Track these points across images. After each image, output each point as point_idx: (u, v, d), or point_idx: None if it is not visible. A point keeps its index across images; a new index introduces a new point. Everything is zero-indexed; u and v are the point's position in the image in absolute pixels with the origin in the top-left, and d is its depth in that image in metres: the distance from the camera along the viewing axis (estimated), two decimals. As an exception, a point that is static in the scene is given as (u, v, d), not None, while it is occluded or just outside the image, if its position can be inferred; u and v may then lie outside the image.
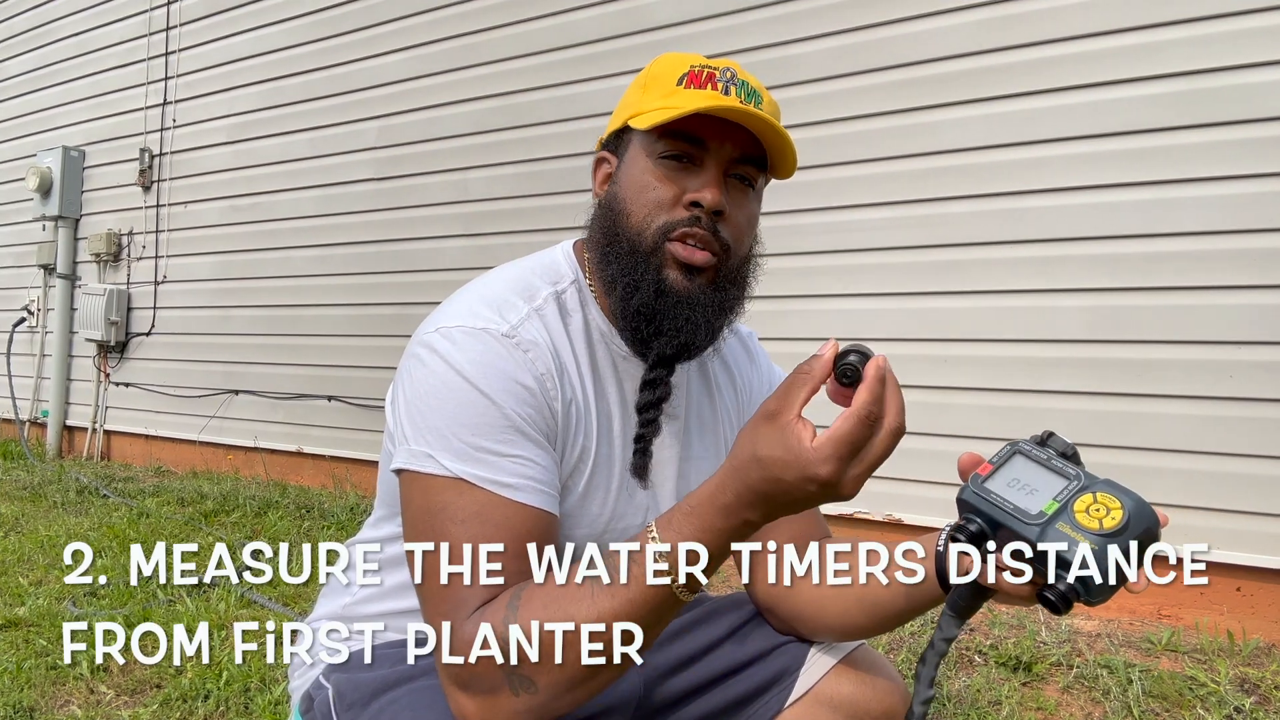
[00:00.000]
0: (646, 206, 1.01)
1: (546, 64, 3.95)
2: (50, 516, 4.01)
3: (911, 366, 3.08)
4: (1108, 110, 2.77)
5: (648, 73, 1.06)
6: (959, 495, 0.87)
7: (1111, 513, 0.80)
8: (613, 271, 1.02)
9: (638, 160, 1.03)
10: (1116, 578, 0.80)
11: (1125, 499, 0.81)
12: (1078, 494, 0.82)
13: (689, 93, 1.01)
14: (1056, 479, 0.84)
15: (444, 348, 0.97)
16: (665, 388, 1.06)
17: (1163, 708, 2.08)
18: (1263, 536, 2.54)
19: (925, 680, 0.87)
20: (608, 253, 1.03)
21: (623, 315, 1.03)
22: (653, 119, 0.99)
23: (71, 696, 2.15)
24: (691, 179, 1.01)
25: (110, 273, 5.71)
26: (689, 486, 1.13)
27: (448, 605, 0.88)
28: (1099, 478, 0.85)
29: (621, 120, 1.06)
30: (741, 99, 1.00)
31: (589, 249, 1.07)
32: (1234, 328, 2.60)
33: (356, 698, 1.03)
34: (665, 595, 0.85)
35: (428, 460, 0.93)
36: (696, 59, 1.04)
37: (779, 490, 0.83)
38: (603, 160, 1.09)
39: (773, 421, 0.84)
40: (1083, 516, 0.81)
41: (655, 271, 1.00)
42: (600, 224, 1.05)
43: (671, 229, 1.00)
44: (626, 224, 1.02)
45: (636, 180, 1.02)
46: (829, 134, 3.21)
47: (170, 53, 5.41)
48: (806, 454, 0.81)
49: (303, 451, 4.73)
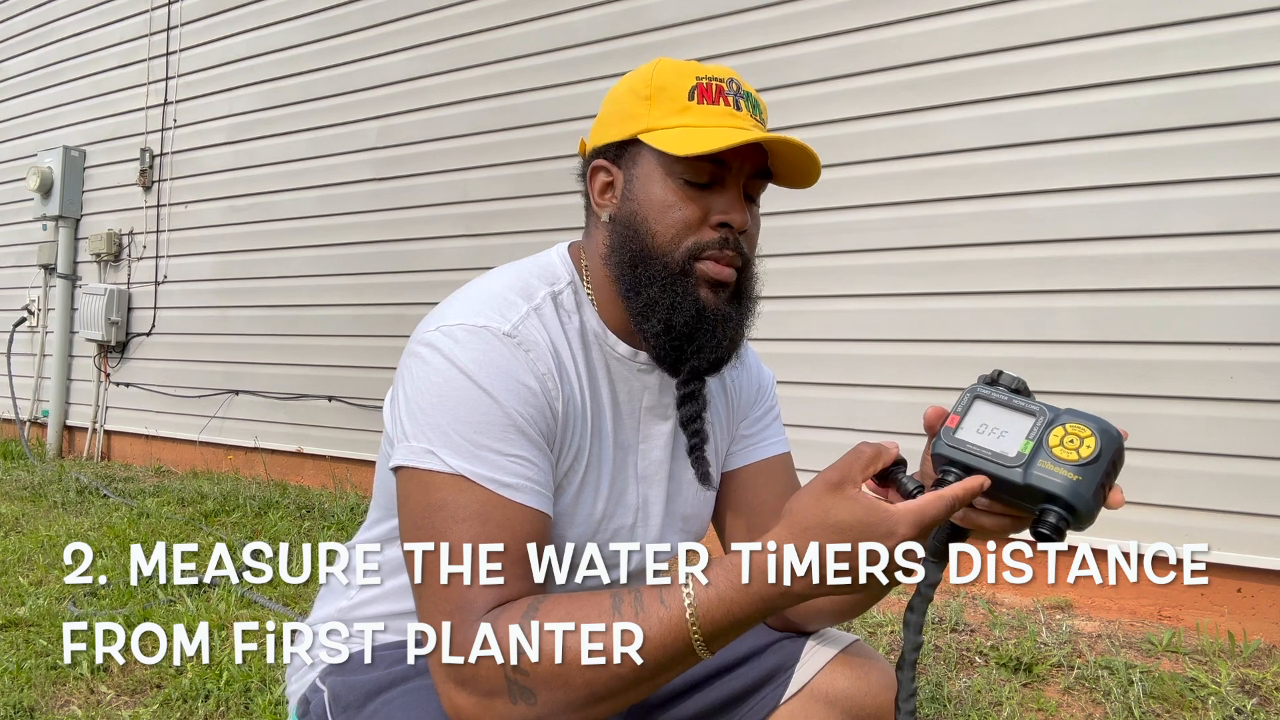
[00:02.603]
0: (674, 227, 1.01)
1: (546, 65, 3.95)
2: (50, 516, 4.01)
3: (911, 367, 3.08)
4: (1108, 111, 2.77)
5: (650, 83, 1.04)
6: (933, 450, 0.88)
7: (1085, 441, 0.83)
8: (649, 295, 1.02)
9: (654, 178, 1.02)
10: (1100, 500, 0.83)
11: (1093, 425, 0.84)
12: (1047, 429, 0.85)
13: (703, 109, 1.01)
14: (1023, 417, 0.86)
15: (446, 346, 0.97)
16: (703, 399, 1.09)
17: (1163, 709, 2.08)
18: (1263, 538, 2.54)
19: (915, 628, 0.89)
20: (639, 276, 1.02)
21: (664, 335, 1.03)
22: (684, 146, 0.98)
23: (72, 696, 2.15)
24: (715, 198, 1.01)
25: (111, 273, 5.72)
26: (679, 487, 1.13)
27: (448, 605, 0.88)
28: (1060, 408, 0.87)
29: (628, 132, 1.03)
30: (749, 112, 1.02)
31: (603, 265, 1.06)
32: (1234, 329, 2.60)
33: (351, 700, 1.03)
34: (684, 646, 0.85)
35: (428, 456, 0.93)
36: (699, 69, 1.03)
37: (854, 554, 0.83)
38: (600, 170, 1.07)
39: (840, 491, 0.85)
40: (1059, 450, 0.83)
41: (692, 293, 1.01)
42: (619, 244, 1.04)
43: (701, 250, 1.01)
44: (652, 245, 1.01)
45: (658, 199, 1.01)
46: (829, 135, 3.21)
47: (171, 53, 5.42)
48: (891, 513, 0.82)
49: (303, 452, 4.73)
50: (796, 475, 1.24)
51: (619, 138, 1.04)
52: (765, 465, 1.21)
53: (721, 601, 0.84)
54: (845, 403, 3.20)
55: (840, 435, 3.19)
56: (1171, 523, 2.63)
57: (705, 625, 0.84)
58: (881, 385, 3.14)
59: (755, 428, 1.22)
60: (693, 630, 0.84)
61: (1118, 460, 0.85)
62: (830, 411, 3.21)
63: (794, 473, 1.24)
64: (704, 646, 0.85)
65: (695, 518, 1.17)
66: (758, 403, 1.23)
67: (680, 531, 1.15)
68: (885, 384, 3.13)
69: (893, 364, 3.12)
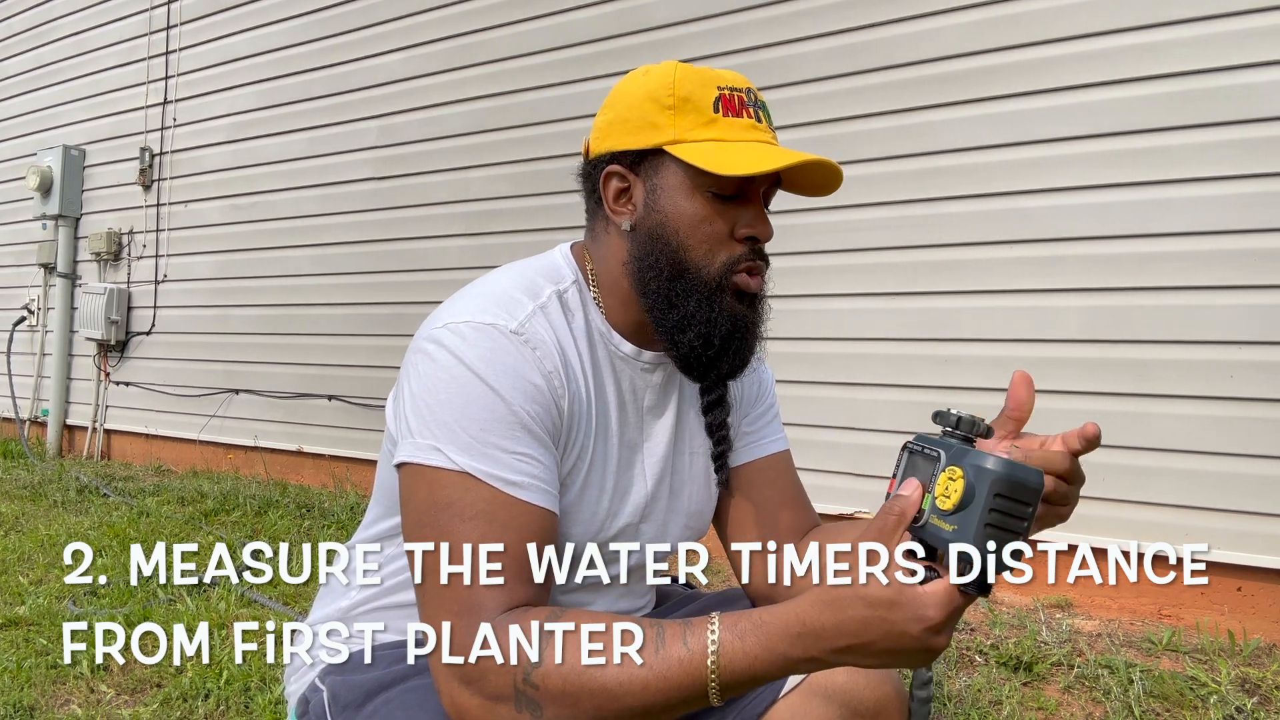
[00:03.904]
0: (706, 241, 1.02)
1: (546, 64, 3.95)
2: (50, 516, 4.01)
3: (911, 366, 3.08)
4: (1106, 110, 2.77)
5: (673, 91, 1.02)
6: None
7: (954, 485, 0.74)
8: (686, 310, 1.02)
9: (682, 190, 1.02)
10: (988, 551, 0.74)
11: (968, 466, 0.74)
12: (936, 476, 0.78)
13: (729, 122, 1.02)
14: (928, 464, 0.80)
15: (453, 343, 0.96)
16: (728, 404, 1.15)
17: (1164, 708, 2.08)
18: (1263, 537, 2.54)
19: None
20: (676, 289, 1.02)
21: (703, 348, 1.03)
22: (730, 165, 0.98)
23: (72, 696, 2.15)
24: (741, 211, 1.03)
25: (110, 272, 5.71)
26: (680, 482, 1.14)
27: (451, 605, 0.88)
28: (964, 447, 0.78)
29: (653, 141, 1.02)
30: (766, 123, 1.05)
31: (626, 273, 1.06)
32: (1233, 328, 2.60)
33: (351, 699, 1.03)
34: (698, 689, 0.85)
35: (434, 453, 0.93)
36: (719, 77, 1.03)
37: (880, 631, 0.80)
38: (615, 175, 1.05)
39: (873, 563, 0.83)
40: (941, 500, 0.76)
41: (727, 307, 1.03)
42: (649, 256, 1.03)
43: (736, 264, 1.03)
44: (687, 259, 1.02)
45: (689, 212, 1.02)
46: (828, 134, 3.21)
47: (170, 52, 5.41)
48: (920, 594, 0.79)
49: (303, 451, 4.73)
50: (796, 473, 1.25)
51: (641, 146, 1.03)
52: (766, 463, 1.21)
53: (745, 655, 0.83)
54: (845, 402, 3.20)
55: (840, 435, 3.19)
56: (1171, 522, 2.63)
57: (719, 669, 0.84)
58: (881, 384, 3.14)
59: (756, 425, 1.22)
60: (711, 678, 0.84)
61: (1010, 503, 0.75)
62: (830, 411, 3.21)
63: (794, 470, 1.25)
64: (718, 696, 0.85)
65: (698, 515, 1.17)
66: (759, 400, 1.23)
67: (683, 529, 1.15)
68: (885, 383, 3.13)
69: (892, 363, 3.12)
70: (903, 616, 0.79)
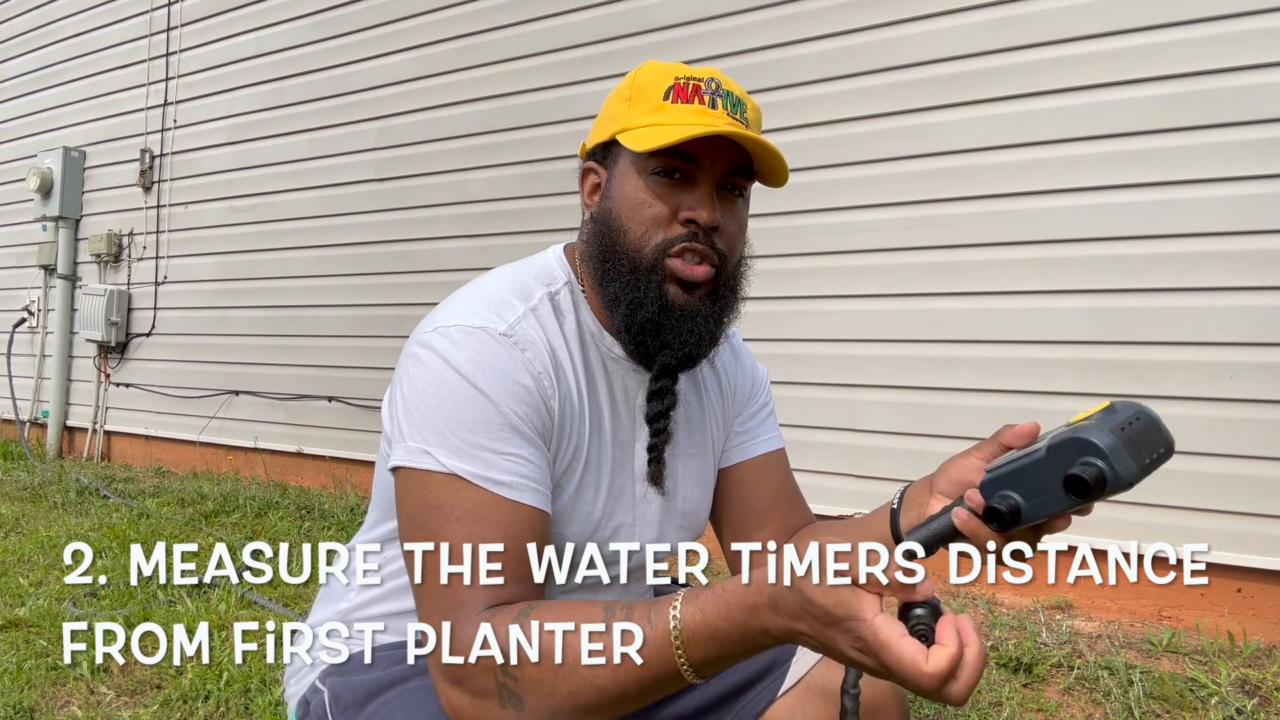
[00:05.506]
0: (643, 224, 1.02)
1: (547, 65, 3.95)
2: (50, 517, 4.02)
3: (911, 367, 3.08)
4: (1108, 111, 2.77)
5: (631, 84, 1.06)
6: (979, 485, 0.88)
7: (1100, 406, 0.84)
8: (615, 289, 1.03)
9: (629, 176, 1.04)
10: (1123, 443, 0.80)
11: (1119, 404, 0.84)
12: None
13: (676, 108, 1.02)
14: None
15: (442, 346, 0.97)
16: (672, 397, 1.09)
17: (1163, 709, 2.08)
18: (1263, 538, 2.54)
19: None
20: (607, 270, 1.04)
21: (627, 330, 1.04)
22: (645, 142, 1.00)
23: (72, 697, 2.15)
24: (685, 195, 1.02)
25: (111, 273, 5.72)
26: (676, 483, 1.14)
27: (447, 605, 0.88)
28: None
29: (609, 133, 1.06)
30: (727, 110, 1.02)
31: (584, 261, 1.08)
32: (1234, 329, 2.60)
33: (351, 700, 1.04)
34: (669, 665, 0.83)
35: (424, 456, 0.94)
36: (680, 69, 1.04)
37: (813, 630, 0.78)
38: (590, 171, 1.09)
39: (873, 563, 0.82)
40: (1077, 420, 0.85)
41: (657, 288, 1.02)
42: (596, 240, 1.06)
43: (669, 246, 1.02)
44: (624, 240, 1.03)
45: (630, 196, 1.03)
46: (830, 135, 3.21)
47: (171, 53, 5.42)
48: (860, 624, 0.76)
49: (303, 452, 4.73)
50: (791, 472, 1.25)
51: (603, 138, 1.07)
52: (760, 461, 1.22)
53: (707, 627, 0.82)
54: (844, 403, 3.20)
55: (839, 435, 3.19)
56: (1171, 523, 2.63)
57: (684, 645, 0.82)
58: (881, 385, 3.14)
59: (750, 424, 1.23)
60: (678, 653, 0.83)
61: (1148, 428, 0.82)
62: (829, 412, 3.21)
63: (789, 469, 1.25)
64: (692, 672, 0.83)
65: (693, 514, 1.17)
66: (752, 399, 1.24)
67: (679, 529, 1.15)
68: (885, 384, 3.13)
69: (892, 364, 3.12)
70: (837, 631, 0.76)
